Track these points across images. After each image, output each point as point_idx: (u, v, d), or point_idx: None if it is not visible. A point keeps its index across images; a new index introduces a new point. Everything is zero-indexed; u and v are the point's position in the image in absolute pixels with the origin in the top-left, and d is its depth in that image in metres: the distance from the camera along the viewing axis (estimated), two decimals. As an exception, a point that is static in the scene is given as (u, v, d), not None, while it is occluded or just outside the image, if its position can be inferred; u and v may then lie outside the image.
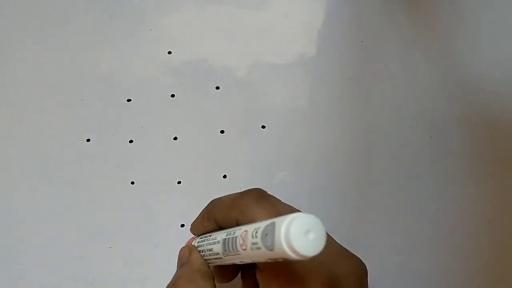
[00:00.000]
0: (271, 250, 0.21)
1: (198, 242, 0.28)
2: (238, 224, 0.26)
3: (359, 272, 0.27)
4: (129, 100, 0.37)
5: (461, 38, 0.38)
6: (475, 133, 0.37)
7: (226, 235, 0.25)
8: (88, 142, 0.36)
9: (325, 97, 0.37)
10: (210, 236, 0.27)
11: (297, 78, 0.37)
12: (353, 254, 0.28)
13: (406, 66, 0.38)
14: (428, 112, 0.37)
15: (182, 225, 0.35)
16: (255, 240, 0.22)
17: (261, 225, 0.22)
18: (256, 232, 0.22)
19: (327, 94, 0.37)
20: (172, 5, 0.38)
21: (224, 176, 0.36)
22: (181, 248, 0.29)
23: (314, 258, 0.20)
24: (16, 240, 0.35)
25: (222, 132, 0.37)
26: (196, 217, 0.29)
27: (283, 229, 0.20)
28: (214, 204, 0.28)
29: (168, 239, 0.35)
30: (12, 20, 0.37)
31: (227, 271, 0.28)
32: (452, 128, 0.37)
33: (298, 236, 0.20)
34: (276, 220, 0.21)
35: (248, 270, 0.28)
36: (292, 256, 0.20)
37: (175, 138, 0.36)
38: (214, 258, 0.26)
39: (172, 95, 0.37)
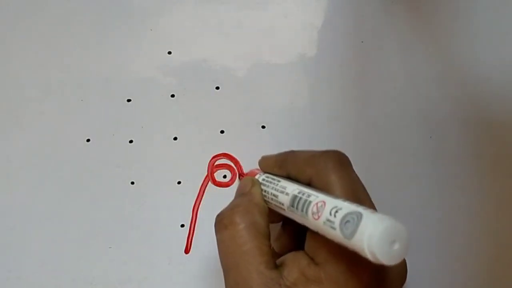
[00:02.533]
0: (348, 239, 0.20)
1: (263, 179, 0.28)
2: (310, 183, 0.26)
3: (404, 264, 0.27)
4: (129, 100, 0.37)
5: (461, 38, 0.38)
6: (475, 133, 0.37)
7: (299, 193, 0.24)
8: (88, 142, 0.36)
9: (325, 97, 0.37)
10: (279, 181, 0.27)
11: (297, 78, 0.37)
12: None
13: (406, 66, 0.38)
14: (428, 112, 0.37)
15: (182, 225, 0.35)
16: (332, 218, 0.21)
17: (343, 206, 0.21)
18: (336, 212, 0.21)
19: (327, 94, 0.37)
20: (172, 5, 0.38)
21: (224, 176, 0.36)
22: (244, 178, 0.29)
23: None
24: (16, 240, 0.35)
25: (222, 132, 0.37)
26: (269, 154, 0.29)
27: (369, 230, 0.19)
28: (290, 156, 0.28)
29: (168, 239, 0.35)
30: (12, 20, 0.37)
31: (276, 214, 0.28)
32: (452, 128, 0.37)
33: (383, 243, 0.19)
34: (364, 212, 0.20)
35: (293, 223, 0.28)
36: (368, 257, 0.19)
37: (175, 138, 0.36)
38: (275, 204, 0.26)
39: (172, 95, 0.37)
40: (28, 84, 0.36)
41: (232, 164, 0.36)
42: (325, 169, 0.25)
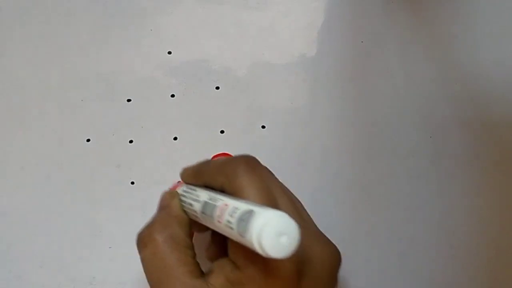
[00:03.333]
0: (242, 236, 0.21)
1: (183, 190, 0.28)
2: (223, 190, 0.26)
3: (332, 259, 0.27)
4: (129, 100, 0.37)
5: (461, 38, 0.38)
6: (475, 133, 0.37)
7: (208, 199, 0.25)
8: (88, 142, 0.36)
9: (325, 97, 0.37)
10: (195, 191, 0.27)
11: (297, 78, 0.37)
12: (330, 241, 0.27)
13: (406, 66, 0.38)
14: (428, 112, 0.37)
15: (182, 225, 0.35)
16: (230, 219, 0.22)
17: (241, 206, 0.22)
18: (234, 213, 0.22)
19: (327, 94, 0.37)
20: (172, 5, 0.38)
21: (224, 176, 0.36)
22: (164, 192, 0.29)
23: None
24: (16, 240, 0.35)
25: (222, 132, 0.37)
26: (189, 165, 0.29)
27: (257, 224, 0.20)
28: (204, 165, 0.28)
29: (168, 239, 0.35)
30: (12, 20, 0.37)
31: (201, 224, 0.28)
32: (452, 128, 0.37)
33: (270, 237, 0.20)
34: (255, 209, 0.21)
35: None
36: (258, 251, 0.20)
37: (175, 138, 0.36)
38: (192, 213, 0.27)
39: (172, 95, 0.37)
40: (28, 84, 0.36)
41: (232, 164, 0.36)
42: (234, 174, 0.25)
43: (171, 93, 0.37)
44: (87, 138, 0.36)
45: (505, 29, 0.39)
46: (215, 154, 0.36)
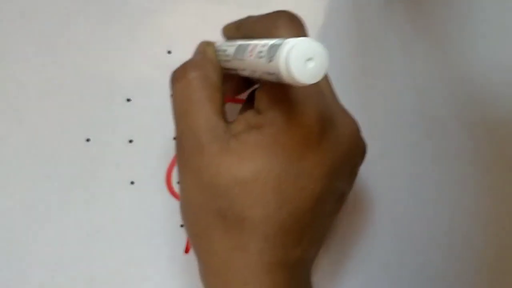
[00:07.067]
0: (269, 62, 0.20)
1: (222, 43, 0.29)
2: None
3: (353, 134, 0.27)
4: (129, 100, 0.37)
5: (461, 38, 0.38)
6: (475, 133, 0.37)
7: (244, 42, 0.25)
8: (88, 142, 0.36)
9: (325, 97, 0.37)
10: (234, 41, 0.27)
11: (297, 78, 0.37)
12: (355, 120, 0.28)
13: (406, 66, 0.38)
14: (428, 112, 0.37)
15: (182, 225, 0.35)
16: (262, 49, 0.22)
17: (275, 40, 0.21)
18: (266, 44, 0.21)
19: (327, 94, 0.37)
20: (172, 5, 0.38)
21: (224, 176, 0.36)
22: (200, 42, 0.30)
23: (308, 87, 0.20)
24: (16, 240, 0.35)
25: (222, 132, 0.37)
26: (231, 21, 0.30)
27: (285, 49, 0.20)
28: (246, 18, 0.29)
29: (168, 239, 0.35)
30: (12, 20, 0.37)
31: (233, 84, 0.30)
32: (452, 128, 0.37)
33: (298, 61, 0.20)
34: (289, 38, 0.20)
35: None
36: (285, 76, 0.20)
37: (175, 138, 0.36)
38: (224, 60, 0.27)
39: (172, 95, 0.37)
40: (28, 84, 0.36)
41: (232, 164, 0.36)
42: (274, 26, 0.26)
43: (171, 93, 0.37)
44: (87, 137, 0.36)
45: (505, 28, 0.39)
46: None
